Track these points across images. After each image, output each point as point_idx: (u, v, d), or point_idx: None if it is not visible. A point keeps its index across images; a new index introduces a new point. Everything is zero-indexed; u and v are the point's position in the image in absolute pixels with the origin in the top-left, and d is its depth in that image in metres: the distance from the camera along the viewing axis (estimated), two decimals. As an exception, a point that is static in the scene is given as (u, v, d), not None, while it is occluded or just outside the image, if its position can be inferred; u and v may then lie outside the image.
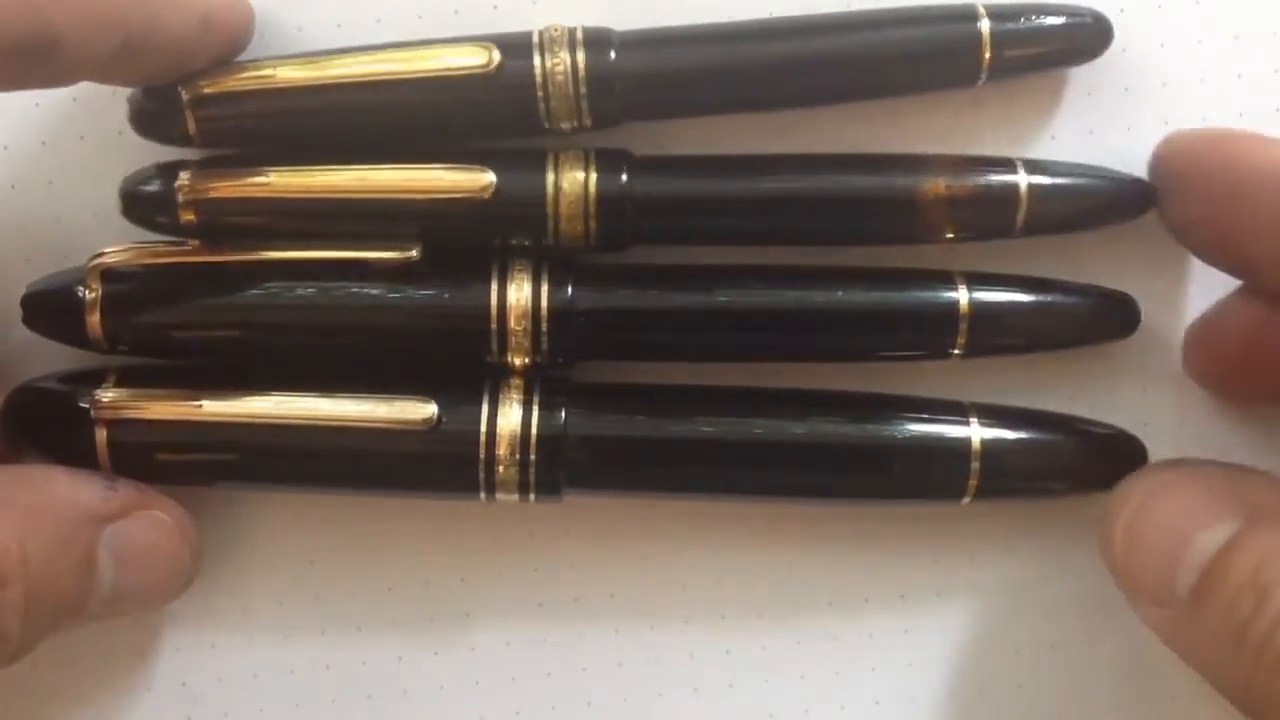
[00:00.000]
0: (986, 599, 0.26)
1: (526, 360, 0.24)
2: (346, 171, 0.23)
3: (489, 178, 0.23)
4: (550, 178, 0.23)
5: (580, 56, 0.23)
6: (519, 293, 0.23)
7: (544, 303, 0.23)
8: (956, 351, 0.24)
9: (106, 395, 0.23)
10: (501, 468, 0.23)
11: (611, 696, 0.26)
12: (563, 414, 0.23)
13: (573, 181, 0.23)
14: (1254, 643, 0.20)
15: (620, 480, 0.24)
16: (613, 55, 0.23)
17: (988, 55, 0.23)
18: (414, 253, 0.23)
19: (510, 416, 0.23)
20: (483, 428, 0.23)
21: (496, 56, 0.23)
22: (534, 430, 0.23)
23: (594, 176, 0.23)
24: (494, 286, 0.23)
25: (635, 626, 0.26)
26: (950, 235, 0.24)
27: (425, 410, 0.23)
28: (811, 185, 0.24)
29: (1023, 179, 0.23)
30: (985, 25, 0.23)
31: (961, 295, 0.24)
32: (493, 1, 0.25)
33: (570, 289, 0.23)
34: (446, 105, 0.23)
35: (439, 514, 0.26)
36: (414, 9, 0.25)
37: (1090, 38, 0.24)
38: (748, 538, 0.26)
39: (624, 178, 0.23)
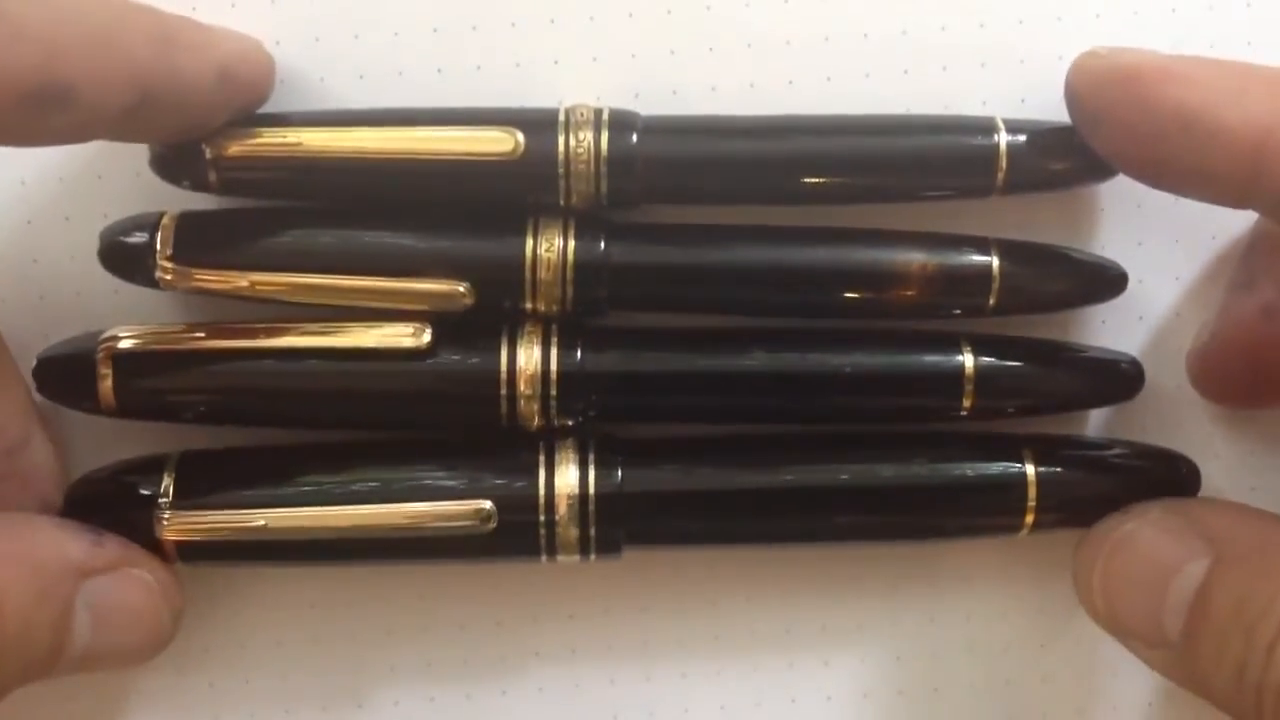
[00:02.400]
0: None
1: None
2: (317, 277, 0.23)
3: (462, 289, 0.23)
4: (529, 258, 0.23)
5: (604, 138, 0.23)
6: (529, 357, 0.23)
7: (554, 365, 0.23)
8: (963, 414, 0.24)
9: (168, 515, 0.23)
10: (560, 528, 0.23)
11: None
12: (619, 472, 0.24)
13: (550, 251, 0.23)
14: (1252, 681, 0.20)
15: (679, 534, 0.25)
16: (634, 139, 0.23)
17: (1003, 168, 0.23)
18: (426, 339, 0.23)
19: (567, 477, 0.23)
20: (540, 491, 0.23)
21: (522, 142, 0.23)
22: (591, 490, 0.23)
23: (571, 244, 0.23)
24: (504, 357, 0.23)
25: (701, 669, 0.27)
26: (926, 313, 0.24)
27: (481, 506, 0.23)
28: (788, 257, 0.24)
29: (994, 258, 0.24)
30: (1002, 139, 0.23)
31: (967, 359, 0.24)
32: (514, 59, 0.25)
33: (580, 353, 0.24)
34: (467, 184, 0.23)
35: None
36: (434, 63, 0.25)
37: None
38: (802, 582, 0.26)
39: (602, 245, 0.24)
